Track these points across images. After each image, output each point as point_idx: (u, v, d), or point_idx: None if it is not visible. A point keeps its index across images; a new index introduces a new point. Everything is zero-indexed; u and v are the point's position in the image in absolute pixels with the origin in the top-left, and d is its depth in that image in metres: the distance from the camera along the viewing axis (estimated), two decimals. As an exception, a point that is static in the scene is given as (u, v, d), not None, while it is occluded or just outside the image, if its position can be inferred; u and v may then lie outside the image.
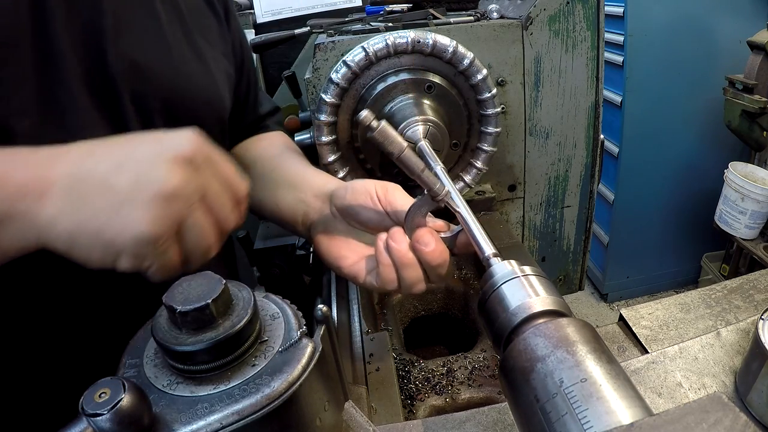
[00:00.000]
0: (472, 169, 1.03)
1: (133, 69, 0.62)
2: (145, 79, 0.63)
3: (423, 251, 0.58)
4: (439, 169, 0.75)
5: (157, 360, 0.38)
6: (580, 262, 1.34)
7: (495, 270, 0.46)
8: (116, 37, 0.60)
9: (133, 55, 0.62)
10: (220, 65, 0.78)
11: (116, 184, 0.44)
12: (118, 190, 0.44)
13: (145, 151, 0.46)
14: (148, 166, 0.45)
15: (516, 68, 1.07)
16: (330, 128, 0.93)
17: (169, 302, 0.36)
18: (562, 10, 1.04)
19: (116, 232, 0.44)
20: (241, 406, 0.34)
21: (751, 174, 2.39)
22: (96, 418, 0.30)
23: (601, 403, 0.32)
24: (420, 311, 1.01)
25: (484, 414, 0.55)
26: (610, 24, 2.54)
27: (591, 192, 1.24)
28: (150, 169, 0.44)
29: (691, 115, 2.68)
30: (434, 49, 0.91)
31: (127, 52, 0.61)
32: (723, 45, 2.52)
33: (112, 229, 0.44)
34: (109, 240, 0.44)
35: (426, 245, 0.57)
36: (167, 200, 0.44)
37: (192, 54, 0.72)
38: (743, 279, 0.72)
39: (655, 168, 2.79)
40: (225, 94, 0.79)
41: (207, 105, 0.74)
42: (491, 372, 0.74)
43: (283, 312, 0.42)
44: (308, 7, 2.24)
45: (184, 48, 0.71)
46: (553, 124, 1.14)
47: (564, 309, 0.42)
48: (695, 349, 0.58)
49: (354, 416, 0.46)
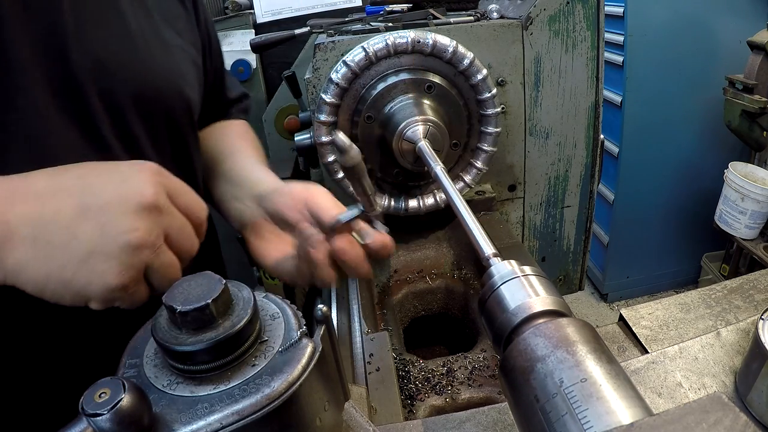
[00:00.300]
0: (472, 169, 1.03)
1: (98, 66, 0.61)
2: (112, 75, 0.63)
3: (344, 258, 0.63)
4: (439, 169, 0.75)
5: (157, 360, 0.38)
6: (580, 262, 1.34)
7: (495, 270, 0.46)
8: (78, 36, 0.59)
9: (97, 52, 0.61)
10: (188, 55, 0.78)
11: (81, 234, 0.44)
12: (83, 240, 0.44)
13: (109, 196, 0.46)
14: (112, 215, 0.45)
15: (516, 68, 1.07)
16: (330, 128, 0.93)
17: (169, 302, 0.36)
18: (562, 10, 1.04)
19: (85, 282, 0.44)
20: (241, 406, 0.34)
21: (751, 174, 2.39)
22: (96, 418, 0.30)
23: (601, 403, 0.32)
24: (420, 311, 1.01)
25: (484, 414, 0.55)
26: (610, 24, 2.54)
27: (591, 192, 1.24)
28: (115, 219, 0.44)
29: (691, 115, 2.68)
30: (434, 49, 0.91)
31: (91, 50, 0.61)
32: (723, 45, 2.52)
33: (81, 279, 0.44)
34: (78, 290, 0.45)
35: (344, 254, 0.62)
36: (134, 251, 0.45)
37: (159, 46, 0.71)
38: (743, 279, 0.72)
39: (655, 168, 2.79)
40: (194, 85, 0.79)
41: (176, 97, 0.73)
42: (491, 372, 0.74)
43: (283, 312, 0.42)
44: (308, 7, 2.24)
45: (150, 41, 0.70)
46: (553, 124, 1.14)
47: (564, 309, 0.42)
48: (695, 349, 0.58)
49: (354, 416, 0.46)
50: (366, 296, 0.91)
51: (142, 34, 0.68)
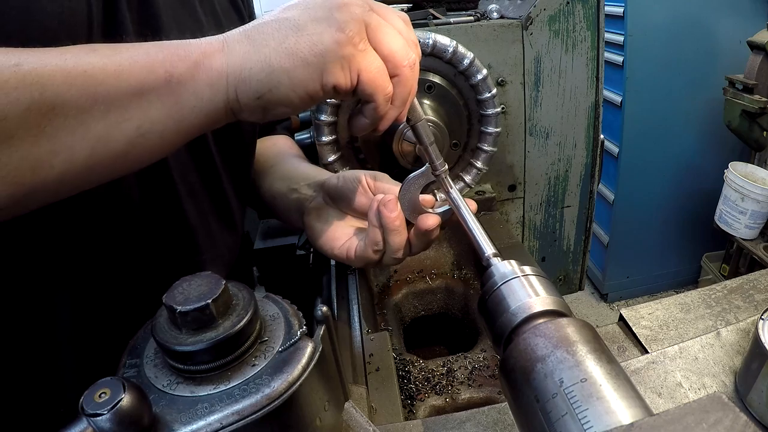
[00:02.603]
0: (472, 169, 1.03)
1: None
2: None
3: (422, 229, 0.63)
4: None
5: (157, 360, 0.38)
6: (580, 262, 1.34)
7: (495, 270, 0.46)
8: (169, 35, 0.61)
9: None
10: None
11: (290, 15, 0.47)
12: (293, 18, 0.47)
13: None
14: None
15: (516, 68, 1.07)
16: (330, 128, 0.93)
17: (169, 302, 0.36)
18: (562, 10, 1.04)
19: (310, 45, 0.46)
20: (241, 406, 0.34)
21: (751, 174, 2.39)
22: (96, 418, 0.30)
23: (601, 403, 0.32)
24: (420, 311, 1.01)
25: (484, 414, 0.55)
26: (610, 24, 2.54)
27: (591, 192, 1.24)
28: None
29: (691, 115, 2.68)
30: (434, 49, 0.91)
31: None
32: (723, 45, 2.52)
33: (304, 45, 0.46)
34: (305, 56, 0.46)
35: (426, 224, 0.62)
36: (343, 8, 0.47)
37: None
38: (743, 279, 0.72)
39: (655, 168, 2.79)
40: None
41: None
42: (491, 372, 0.74)
43: (283, 312, 0.41)
44: (308, 7, 2.24)
45: None
46: (553, 124, 1.14)
47: (564, 309, 0.42)
48: (695, 349, 0.58)
49: (354, 416, 0.46)
50: (366, 296, 0.90)
51: None
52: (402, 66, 0.50)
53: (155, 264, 0.66)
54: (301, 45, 0.45)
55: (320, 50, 0.45)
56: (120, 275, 0.64)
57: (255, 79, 0.46)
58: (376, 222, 0.63)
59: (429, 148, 0.61)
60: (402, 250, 0.64)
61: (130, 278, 0.64)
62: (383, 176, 0.70)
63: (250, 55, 0.46)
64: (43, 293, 0.59)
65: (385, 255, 0.65)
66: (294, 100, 0.47)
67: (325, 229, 0.70)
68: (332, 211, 0.72)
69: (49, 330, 0.61)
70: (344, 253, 0.68)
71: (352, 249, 0.68)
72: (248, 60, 0.46)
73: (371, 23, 0.48)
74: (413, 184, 0.64)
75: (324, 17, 0.46)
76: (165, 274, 0.46)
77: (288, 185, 0.80)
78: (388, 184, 0.68)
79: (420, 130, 0.61)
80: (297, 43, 0.45)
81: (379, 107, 0.51)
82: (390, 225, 0.62)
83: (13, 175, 0.40)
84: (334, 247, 0.69)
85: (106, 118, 0.43)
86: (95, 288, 0.62)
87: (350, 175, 0.70)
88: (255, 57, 0.46)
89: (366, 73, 0.48)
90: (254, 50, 0.46)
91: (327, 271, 0.97)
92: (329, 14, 0.46)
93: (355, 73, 0.48)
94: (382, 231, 0.63)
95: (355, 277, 0.91)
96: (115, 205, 0.60)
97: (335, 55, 0.46)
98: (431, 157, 0.62)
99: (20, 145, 0.39)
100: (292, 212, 0.77)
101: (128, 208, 0.61)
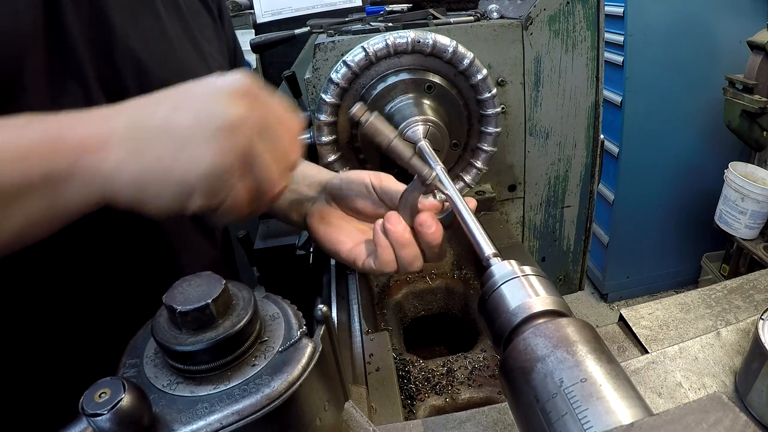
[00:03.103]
0: (472, 169, 1.03)
1: (137, 64, 0.61)
2: (149, 77, 0.63)
3: (426, 234, 0.62)
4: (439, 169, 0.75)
5: (157, 360, 0.38)
6: (580, 262, 1.34)
7: (495, 270, 0.46)
8: (122, 32, 0.60)
9: (138, 51, 0.62)
10: (217, 63, 0.78)
11: (177, 124, 0.45)
12: (179, 128, 0.44)
13: (201, 90, 0.47)
14: (206, 102, 0.46)
15: (516, 68, 1.07)
16: (330, 128, 0.93)
17: (169, 302, 0.36)
18: (562, 10, 1.04)
19: (184, 170, 0.44)
20: (241, 406, 0.34)
21: (751, 174, 2.39)
22: (96, 418, 0.30)
23: (601, 403, 0.32)
24: (420, 311, 1.01)
25: (484, 414, 0.55)
26: (610, 24, 2.54)
27: (591, 192, 1.24)
28: (209, 105, 0.45)
29: (691, 115, 2.68)
30: (434, 49, 0.91)
31: (132, 48, 0.61)
32: (723, 45, 2.52)
33: (180, 167, 0.44)
34: (178, 179, 0.44)
35: (428, 228, 0.61)
36: (230, 132, 0.45)
37: (192, 52, 0.72)
38: (743, 279, 0.72)
39: (655, 168, 2.79)
40: None
41: None
42: (491, 372, 0.74)
43: (283, 312, 0.42)
44: (308, 7, 2.24)
45: (185, 46, 0.70)
46: (553, 124, 1.14)
47: (564, 309, 0.42)
48: (695, 349, 0.58)
49: (354, 416, 0.46)
50: (366, 296, 0.91)
51: (177, 38, 0.69)
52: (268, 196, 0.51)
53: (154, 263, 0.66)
54: (179, 164, 0.44)
55: (195, 175, 0.45)
56: (120, 274, 0.64)
57: (125, 191, 0.45)
58: (384, 242, 0.62)
59: (410, 162, 0.61)
60: (416, 261, 0.63)
61: (130, 277, 0.64)
62: (387, 177, 0.69)
63: (126, 165, 0.44)
64: (44, 293, 0.59)
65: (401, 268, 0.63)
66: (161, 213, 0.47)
67: (330, 233, 0.70)
68: (336, 212, 0.71)
69: (50, 329, 0.61)
70: (352, 259, 0.68)
71: (360, 258, 0.66)
72: (122, 171, 0.44)
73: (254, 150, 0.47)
74: (409, 197, 0.64)
75: (209, 137, 0.44)
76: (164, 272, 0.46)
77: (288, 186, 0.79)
78: (393, 186, 0.67)
79: (395, 151, 0.60)
80: (175, 161, 0.44)
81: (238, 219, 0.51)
82: (400, 239, 0.61)
83: None
84: (340, 251, 0.68)
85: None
86: (96, 287, 0.62)
87: (354, 177, 0.69)
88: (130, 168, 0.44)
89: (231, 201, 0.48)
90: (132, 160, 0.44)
91: (327, 271, 0.97)
92: (215, 134, 0.44)
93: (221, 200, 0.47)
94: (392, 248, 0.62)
95: (355, 277, 0.91)
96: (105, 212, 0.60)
97: (207, 183, 0.45)
98: (417, 170, 0.61)
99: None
100: (291, 212, 0.76)
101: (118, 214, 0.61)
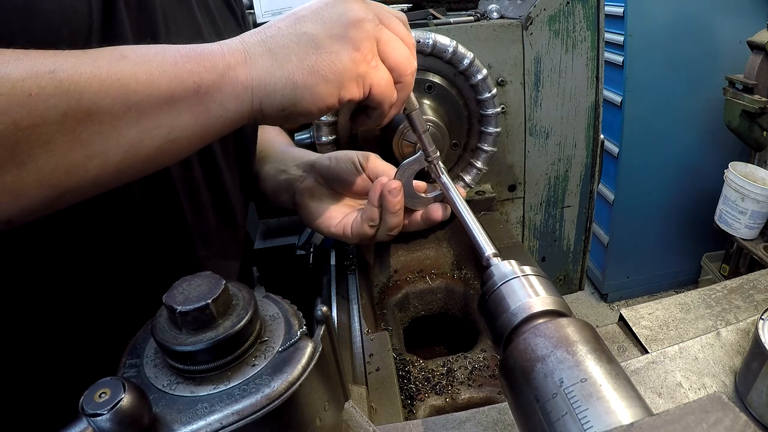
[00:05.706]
0: (472, 169, 1.03)
1: None
2: None
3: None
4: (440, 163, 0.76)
5: (157, 360, 0.38)
6: (580, 262, 1.34)
7: (495, 270, 0.46)
8: (166, 36, 0.61)
9: None
10: None
11: (307, 31, 0.50)
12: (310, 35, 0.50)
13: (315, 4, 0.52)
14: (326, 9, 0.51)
15: (516, 68, 1.07)
16: (330, 128, 0.93)
17: (169, 302, 0.36)
18: (562, 10, 1.04)
19: (329, 65, 0.49)
20: (241, 406, 0.34)
21: (751, 174, 2.39)
22: (96, 418, 0.30)
23: (601, 403, 0.32)
24: (420, 311, 1.01)
25: (484, 414, 0.55)
26: (610, 24, 2.55)
27: (591, 192, 1.24)
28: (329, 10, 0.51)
29: (691, 115, 2.68)
30: (434, 49, 0.91)
31: None
32: (723, 45, 2.52)
33: (324, 63, 0.49)
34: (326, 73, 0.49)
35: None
36: (357, 25, 0.51)
37: None
38: (743, 279, 0.72)
39: (655, 168, 2.80)
40: None
41: None
42: (491, 372, 0.74)
43: (283, 312, 0.41)
44: (308, 7, 2.24)
45: None
46: (553, 124, 1.14)
47: (564, 309, 0.42)
48: (695, 349, 0.58)
49: (354, 416, 0.46)
50: (366, 296, 0.90)
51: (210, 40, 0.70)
52: (406, 75, 0.56)
53: (153, 262, 0.66)
54: (321, 63, 0.49)
55: (339, 69, 0.50)
56: (120, 273, 0.64)
57: (279, 94, 0.49)
58: (376, 203, 0.69)
59: (422, 136, 0.66)
60: (397, 228, 0.71)
61: (129, 276, 0.64)
62: (375, 156, 0.75)
63: (274, 70, 0.49)
64: (44, 293, 0.59)
65: (380, 231, 0.70)
66: (314, 112, 0.51)
67: (320, 209, 0.75)
68: (325, 190, 0.76)
69: (49, 330, 0.61)
70: (341, 230, 0.73)
71: (348, 226, 0.72)
72: (272, 75, 0.49)
73: (381, 38, 0.53)
74: (408, 170, 0.70)
75: (340, 35, 0.50)
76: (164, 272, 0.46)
77: (276, 167, 0.83)
78: (381, 165, 0.73)
79: (414, 119, 0.65)
80: (317, 61, 0.49)
81: (384, 113, 0.56)
82: (392, 209, 0.69)
83: (48, 178, 0.41)
84: (330, 225, 0.74)
85: (138, 125, 0.44)
86: (95, 287, 0.62)
87: (343, 156, 0.74)
88: (279, 73, 0.49)
89: (377, 87, 0.53)
90: (277, 65, 0.49)
91: (327, 271, 0.97)
92: (345, 32, 0.50)
93: (368, 87, 0.53)
94: (380, 211, 0.70)
95: (355, 277, 0.91)
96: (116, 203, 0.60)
97: (352, 73, 0.51)
98: (424, 144, 0.66)
99: (56, 150, 0.40)
100: (281, 193, 0.80)
101: (129, 206, 0.62)
